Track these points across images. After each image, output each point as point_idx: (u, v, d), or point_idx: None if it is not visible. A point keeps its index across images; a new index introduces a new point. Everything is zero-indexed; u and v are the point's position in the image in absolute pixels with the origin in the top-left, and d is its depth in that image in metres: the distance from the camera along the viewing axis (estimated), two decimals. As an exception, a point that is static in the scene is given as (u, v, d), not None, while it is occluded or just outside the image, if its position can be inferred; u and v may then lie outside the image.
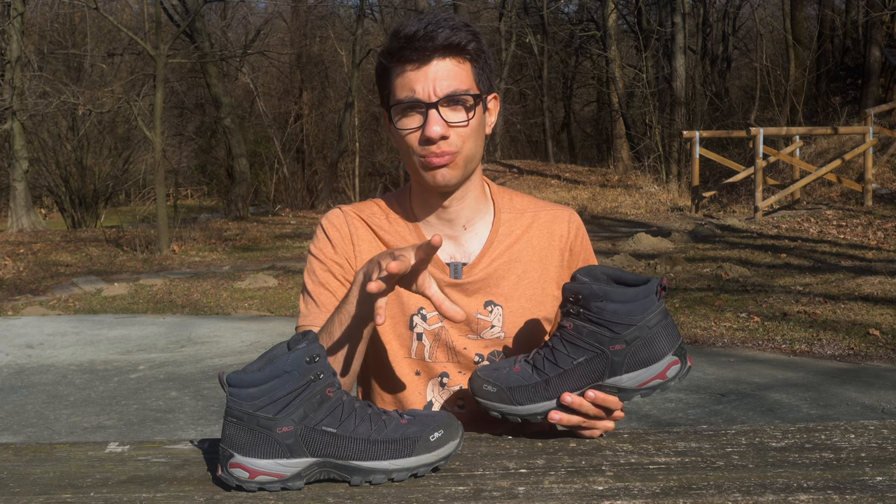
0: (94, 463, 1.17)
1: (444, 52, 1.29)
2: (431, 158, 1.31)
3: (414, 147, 1.32)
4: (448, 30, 1.28)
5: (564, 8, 27.43)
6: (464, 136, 1.32)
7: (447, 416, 1.12)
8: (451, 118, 1.30)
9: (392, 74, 1.32)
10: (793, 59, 19.75)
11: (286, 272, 10.97)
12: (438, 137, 1.29)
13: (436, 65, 1.29)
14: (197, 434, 4.42)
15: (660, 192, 17.78)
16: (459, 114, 1.31)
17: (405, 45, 1.28)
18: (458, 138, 1.31)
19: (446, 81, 1.29)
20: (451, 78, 1.29)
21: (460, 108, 1.31)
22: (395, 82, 1.32)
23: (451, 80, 1.29)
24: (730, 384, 5.05)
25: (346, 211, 1.45)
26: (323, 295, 1.39)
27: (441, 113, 1.29)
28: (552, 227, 1.45)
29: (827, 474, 1.03)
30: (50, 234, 17.82)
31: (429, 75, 1.29)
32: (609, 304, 1.15)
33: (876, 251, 9.51)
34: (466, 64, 1.32)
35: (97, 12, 15.53)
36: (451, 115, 1.30)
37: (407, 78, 1.30)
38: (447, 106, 1.30)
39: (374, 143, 25.34)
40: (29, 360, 6.41)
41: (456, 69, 1.30)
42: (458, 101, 1.30)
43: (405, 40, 1.28)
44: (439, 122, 1.28)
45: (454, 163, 1.32)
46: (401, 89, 1.31)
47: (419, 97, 1.29)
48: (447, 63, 1.30)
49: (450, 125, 1.30)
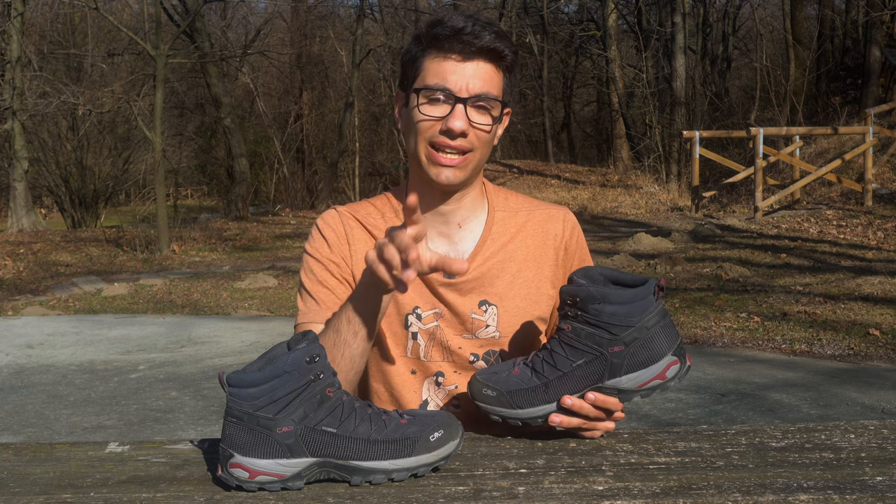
0: (94, 463, 1.17)
1: (487, 55, 1.31)
2: (441, 156, 1.31)
3: (428, 135, 1.32)
4: (494, 35, 1.30)
5: (564, 8, 27.44)
6: (480, 140, 1.33)
7: (447, 416, 1.12)
8: (476, 119, 1.31)
9: (425, 59, 1.33)
10: (793, 59, 19.75)
11: (286, 272, 10.97)
12: (459, 132, 1.29)
13: (476, 63, 1.30)
14: (197, 434, 4.42)
15: (660, 192, 17.78)
16: (484, 117, 1.32)
17: (451, 36, 1.29)
18: (475, 140, 1.32)
19: (481, 82, 1.30)
20: (486, 81, 1.31)
21: (485, 113, 1.32)
22: (427, 67, 1.32)
23: (486, 83, 1.31)
24: (730, 384, 5.05)
25: (341, 211, 1.45)
26: (322, 293, 1.39)
27: (467, 111, 1.30)
28: (547, 226, 1.45)
29: (827, 474, 1.03)
30: (50, 234, 17.82)
31: (467, 71, 1.30)
32: (607, 306, 1.15)
33: (876, 251, 9.50)
34: (501, 73, 1.34)
35: (97, 12, 15.53)
36: (476, 116, 1.31)
37: (444, 67, 1.30)
38: (474, 106, 1.31)
39: (374, 143, 25.34)
40: (29, 360, 6.41)
41: (492, 74, 1.32)
42: (485, 104, 1.31)
43: (452, 31, 1.29)
44: (464, 117, 1.29)
45: (464, 165, 1.33)
46: (433, 76, 1.31)
47: (451, 88, 1.29)
48: (486, 66, 1.31)
49: (472, 125, 1.31)
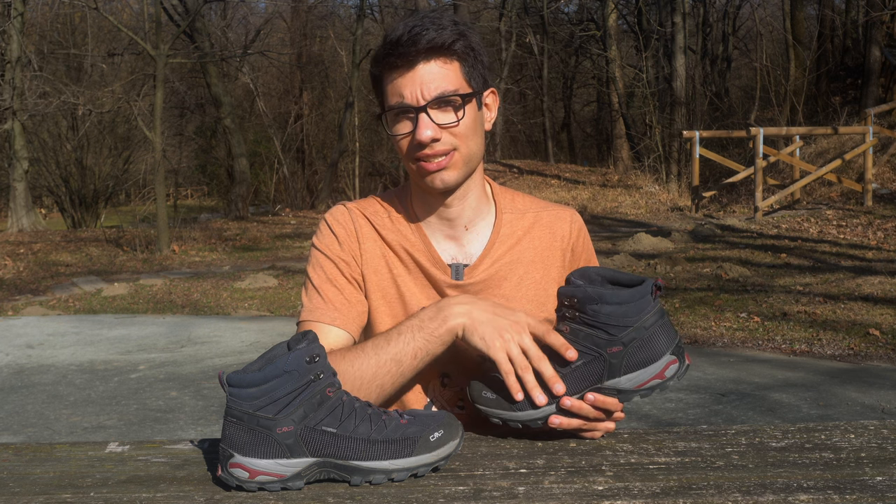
0: (94, 463, 1.17)
1: (428, 55, 1.28)
2: (426, 164, 1.31)
3: (407, 151, 1.32)
4: (432, 31, 1.27)
5: (564, 8, 27.42)
6: (459, 136, 1.31)
7: (447, 416, 1.12)
8: (441, 119, 1.30)
9: (383, 81, 1.33)
10: (793, 59, 19.75)
11: (286, 272, 10.97)
12: (429, 141, 1.29)
13: (421, 68, 1.29)
14: (197, 434, 4.42)
15: (660, 192, 17.78)
16: (449, 115, 1.30)
17: (391, 52, 1.29)
18: (451, 138, 1.31)
19: (433, 84, 1.28)
20: (438, 79, 1.29)
21: (450, 109, 1.30)
22: (386, 89, 1.32)
23: (439, 82, 1.29)
24: (730, 384, 5.04)
25: (350, 208, 1.45)
26: (330, 291, 1.38)
27: (431, 115, 1.29)
28: (554, 227, 1.45)
29: (827, 474, 1.03)
30: (50, 234, 17.82)
31: (415, 79, 1.28)
32: (604, 307, 1.14)
33: (876, 251, 9.50)
34: (454, 63, 1.31)
35: (97, 12, 15.53)
36: (441, 117, 1.30)
37: (396, 84, 1.30)
38: (437, 108, 1.29)
39: (374, 143, 25.33)
40: (29, 360, 6.41)
41: (443, 70, 1.29)
42: (447, 101, 1.30)
43: (391, 46, 1.28)
44: (429, 125, 1.28)
45: (452, 163, 1.32)
46: (391, 95, 1.31)
47: (408, 102, 1.29)
48: (433, 65, 1.29)
49: (441, 127, 1.29)
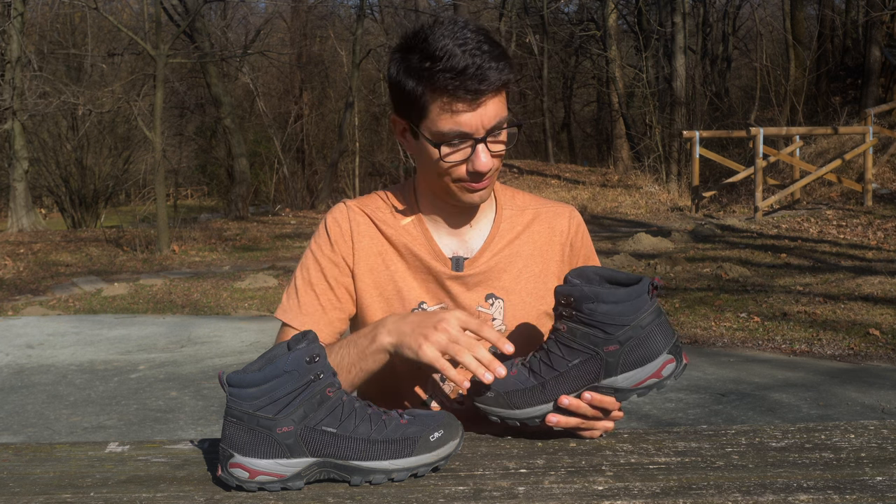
0: (94, 463, 1.17)
1: (494, 93, 1.28)
2: (473, 185, 1.33)
3: (455, 175, 1.33)
4: (496, 71, 1.25)
5: (564, 8, 27.42)
6: (500, 158, 1.35)
7: (447, 416, 1.12)
8: (496, 148, 1.32)
9: (429, 100, 1.28)
10: (793, 59, 19.76)
11: (286, 272, 10.97)
12: (488, 170, 1.30)
13: (486, 101, 1.28)
14: (197, 434, 4.42)
15: (660, 192, 17.78)
16: (500, 141, 1.33)
17: (454, 80, 1.24)
18: (497, 161, 1.34)
19: (493, 115, 1.29)
20: (497, 110, 1.30)
21: (501, 135, 1.33)
22: (434, 110, 1.28)
23: (497, 112, 1.30)
24: (730, 384, 5.04)
25: (349, 206, 1.46)
26: (307, 295, 1.41)
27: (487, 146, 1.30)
28: (553, 223, 1.47)
29: (827, 474, 1.03)
30: (50, 234, 17.82)
31: (479, 111, 1.27)
32: (601, 306, 1.15)
33: (876, 251, 9.50)
34: (503, 93, 1.32)
35: (97, 12, 15.53)
36: (495, 146, 1.32)
37: (455, 113, 1.27)
38: (492, 136, 1.31)
39: (374, 143, 25.34)
40: (29, 360, 6.41)
41: (500, 101, 1.31)
42: (501, 130, 1.32)
43: (455, 75, 1.24)
44: (486, 154, 1.30)
45: (491, 183, 1.37)
46: (443, 121, 1.28)
47: (467, 131, 1.28)
48: (494, 98, 1.29)
49: (494, 155, 1.32)
